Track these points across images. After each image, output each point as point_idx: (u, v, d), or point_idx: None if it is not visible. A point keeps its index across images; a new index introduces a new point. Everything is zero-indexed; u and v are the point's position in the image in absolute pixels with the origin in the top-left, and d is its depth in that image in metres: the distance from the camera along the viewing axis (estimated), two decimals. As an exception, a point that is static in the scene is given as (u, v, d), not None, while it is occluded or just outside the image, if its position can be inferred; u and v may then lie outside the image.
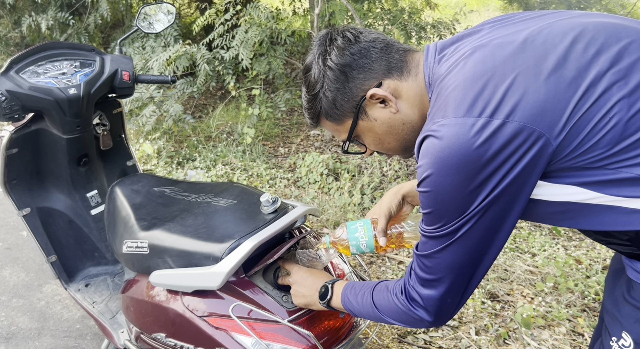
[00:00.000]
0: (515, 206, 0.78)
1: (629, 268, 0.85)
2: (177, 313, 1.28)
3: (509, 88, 0.73)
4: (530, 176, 0.75)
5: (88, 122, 1.79)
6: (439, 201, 0.80)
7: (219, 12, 3.93)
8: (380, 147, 1.02)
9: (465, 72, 0.79)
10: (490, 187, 0.75)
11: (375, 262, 2.66)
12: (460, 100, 0.76)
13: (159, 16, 2.03)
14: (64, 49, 1.73)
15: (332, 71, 0.92)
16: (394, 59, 0.92)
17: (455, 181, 0.76)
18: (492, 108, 0.73)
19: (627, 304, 0.86)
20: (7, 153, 1.71)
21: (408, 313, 0.93)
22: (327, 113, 0.97)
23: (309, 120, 1.03)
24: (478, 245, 0.82)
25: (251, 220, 1.29)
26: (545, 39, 0.78)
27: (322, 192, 3.42)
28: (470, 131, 0.73)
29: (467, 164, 0.74)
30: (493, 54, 0.78)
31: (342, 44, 0.92)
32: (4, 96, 1.51)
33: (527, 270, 2.47)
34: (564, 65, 0.74)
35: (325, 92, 0.94)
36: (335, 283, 1.12)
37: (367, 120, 0.96)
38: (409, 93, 0.93)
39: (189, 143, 4.17)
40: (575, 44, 0.76)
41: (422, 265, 0.88)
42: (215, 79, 4.07)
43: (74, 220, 1.96)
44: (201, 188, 1.61)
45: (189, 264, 1.26)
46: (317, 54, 0.95)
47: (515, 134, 0.71)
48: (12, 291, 2.47)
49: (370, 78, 0.92)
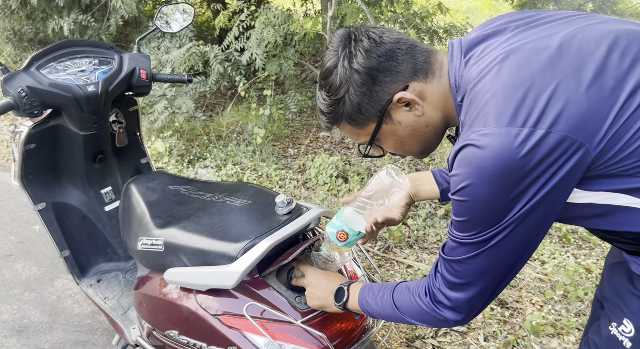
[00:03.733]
0: (551, 214, 0.79)
1: (633, 263, 0.88)
2: (190, 310, 1.29)
3: (551, 98, 0.73)
4: (568, 185, 0.75)
5: (105, 119, 1.81)
6: (477, 210, 0.79)
7: (234, 14, 3.95)
8: (401, 149, 1.01)
9: (503, 78, 0.78)
10: (529, 196, 0.75)
11: (384, 266, 2.66)
12: (502, 109, 0.75)
13: (177, 16, 2.04)
14: (83, 47, 1.75)
15: (358, 74, 0.89)
16: (419, 61, 0.90)
17: (495, 191, 0.76)
18: (535, 118, 0.72)
19: (631, 295, 0.89)
20: (25, 148, 1.73)
21: (432, 313, 0.93)
22: (350, 117, 0.94)
23: (326, 124, 1.00)
24: (512, 252, 0.82)
25: (266, 221, 1.30)
26: (580, 45, 0.78)
27: (332, 194, 3.42)
28: (515, 141, 0.72)
29: (509, 174, 0.74)
30: (530, 60, 0.78)
31: (369, 46, 0.88)
32: (25, 92, 1.52)
33: (536, 277, 2.46)
34: (603, 75, 0.74)
35: (351, 96, 0.91)
36: (351, 285, 1.13)
37: (391, 124, 0.94)
38: (433, 95, 0.92)
39: (200, 142, 4.20)
40: (611, 53, 0.76)
41: (451, 269, 0.88)
42: (227, 79, 4.09)
43: (87, 215, 1.98)
44: (215, 187, 1.63)
45: (203, 262, 1.27)
46: (341, 55, 0.90)
47: (558, 144, 0.71)
48: (24, 285, 2.49)
49: (397, 81, 0.89)
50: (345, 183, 3.50)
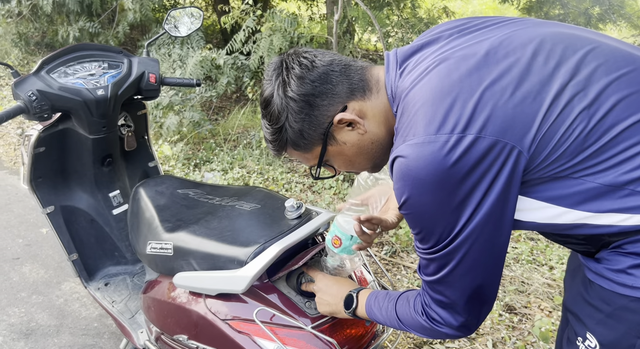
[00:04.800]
0: (505, 219, 0.79)
1: (586, 268, 0.87)
2: (200, 315, 1.29)
3: (478, 103, 0.74)
4: (511, 188, 0.76)
5: (114, 123, 1.81)
6: (425, 220, 0.80)
7: (240, 18, 3.96)
8: (351, 167, 1.01)
9: (432, 86, 0.79)
10: (475, 203, 0.75)
11: (391, 270, 2.65)
12: (430, 117, 0.76)
13: (185, 19, 2.05)
14: (93, 51, 1.76)
15: (294, 102, 0.89)
16: (354, 80, 0.90)
17: (435, 199, 0.76)
18: (464, 123, 0.73)
19: (587, 304, 0.87)
20: (34, 152, 1.73)
21: (433, 329, 0.94)
22: (295, 143, 0.94)
23: (273, 152, 1.00)
24: (481, 262, 0.82)
25: (276, 225, 1.29)
26: (507, 51, 0.79)
27: (338, 198, 3.42)
28: (444, 149, 0.73)
29: (444, 181, 0.74)
30: (457, 68, 0.79)
31: (300, 72, 0.88)
32: (35, 96, 1.53)
33: (544, 282, 2.45)
34: (528, 79, 0.76)
35: (291, 123, 0.91)
36: (360, 291, 1.12)
37: (336, 145, 0.94)
38: (374, 111, 0.92)
39: (206, 145, 4.20)
40: (536, 56, 0.78)
41: (432, 288, 0.89)
42: (234, 83, 4.10)
43: (95, 219, 1.98)
44: (224, 191, 1.62)
45: (213, 267, 1.27)
46: (275, 85, 0.90)
47: (490, 148, 0.72)
48: (32, 288, 2.50)
49: (335, 103, 0.89)
50: (351, 187, 3.49)
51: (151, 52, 4.31)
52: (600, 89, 0.74)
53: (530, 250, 2.73)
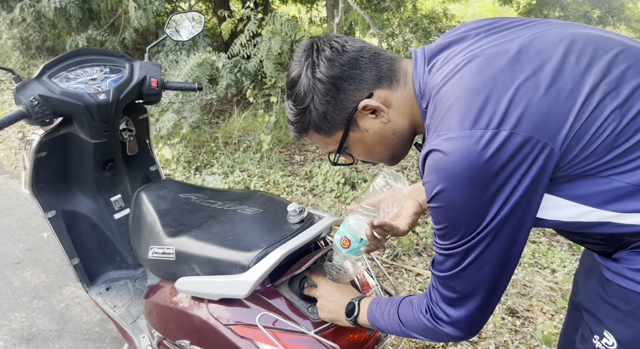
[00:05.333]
0: (528, 216, 0.79)
1: (604, 268, 0.87)
2: (202, 320, 1.28)
3: (513, 100, 0.74)
4: (539, 185, 0.76)
5: (115, 127, 1.81)
6: (454, 216, 0.79)
7: (240, 21, 3.97)
8: (370, 156, 1.01)
9: (465, 83, 0.79)
10: (503, 198, 0.76)
11: (393, 273, 2.65)
12: (464, 113, 0.76)
13: (187, 24, 2.05)
14: (94, 55, 1.76)
15: (322, 83, 0.89)
16: (383, 68, 0.91)
17: (468, 194, 0.76)
18: (498, 119, 0.74)
19: (605, 303, 0.87)
20: (36, 157, 1.73)
21: (435, 330, 0.93)
22: (317, 126, 0.95)
23: (294, 134, 1.00)
24: (498, 258, 0.82)
25: (278, 230, 1.29)
26: (538, 49, 0.80)
27: (339, 201, 3.41)
28: (479, 144, 0.73)
29: (478, 176, 0.74)
30: (490, 64, 0.79)
31: (331, 55, 0.89)
32: (37, 100, 1.53)
33: (547, 286, 2.44)
34: (561, 77, 0.76)
35: (316, 105, 0.92)
36: (362, 299, 1.12)
37: (358, 131, 0.95)
38: (399, 102, 0.92)
39: (207, 148, 4.20)
40: (568, 55, 0.78)
41: (445, 284, 0.88)
42: (235, 86, 4.11)
43: (97, 223, 1.98)
44: (226, 195, 1.62)
45: (215, 272, 1.27)
46: (304, 65, 0.91)
47: (523, 144, 0.73)
48: (33, 293, 2.50)
49: (361, 89, 0.90)
50: (352, 189, 3.49)
51: (159, 58, 4.32)
52: (632, 89, 0.75)
53: (532, 253, 2.73)
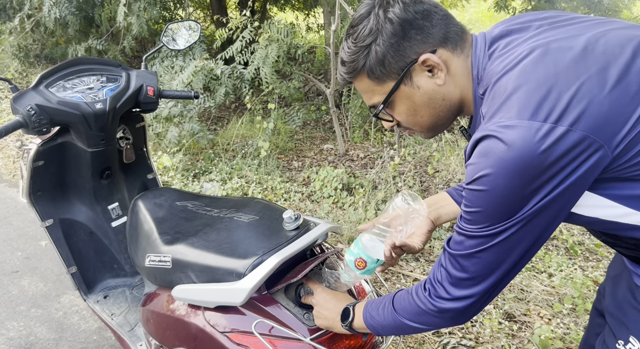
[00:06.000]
0: (561, 213, 0.79)
1: (634, 274, 0.87)
2: (198, 328, 1.29)
3: (574, 97, 0.73)
4: (582, 185, 0.76)
5: (112, 136, 1.82)
6: (491, 202, 0.79)
7: (237, 28, 3.99)
8: (412, 118, 0.98)
9: (527, 74, 0.78)
10: (544, 193, 0.75)
11: (390, 279, 2.65)
12: (525, 103, 0.75)
13: (183, 32, 2.07)
14: (91, 65, 1.77)
15: (391, 24, 0.88)
16: (452, 31, 0.90)
17: (513, 184, 0.75)
18: (558, 114, 0.73)
19: (633, 309, 0.88)
20: (33, 166, 1.74)
21: (430, 310, 0.92)
22: (372, 69, 0.92)
23: (343, 76, 0.98)
24: (519, 248, 0.82)
25: (274, 237, 1.30)
26: (605, 48, 0.78)
27: (337, 207, 3.42)
28: (536, 135, 0.72)
29: (528, 168, 0.74)
30: (554, 59, 0.78)
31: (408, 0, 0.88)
32: (34, 110, 1.54)
33: (544, 290, 2.45)
34: (626, 78, 0.75)
35: (378, 45, 0.89)
36: (357, 304, 1.12)
37: (410, 86, 0.93)
38: (457, 69, 0.92)
39: (205, 155, 4.21)
40: (636, 58, 0.76)
41: (456, 264, 0.87)
42: (233, 93, 4.12)
43: (94, 231, 1.99)
44: (223, 202, 1.63)
45: (212, 279, 1.27)
46: (377, 4, 0.89)
47: (578, 142, 0.72)
48: (31, 301, 2.49)
49: (427, 42, 0.89)
50: (350, 195, 3.50)
51: (155, 64, 4.34)
52: None
53: (530, 257, 2.73)
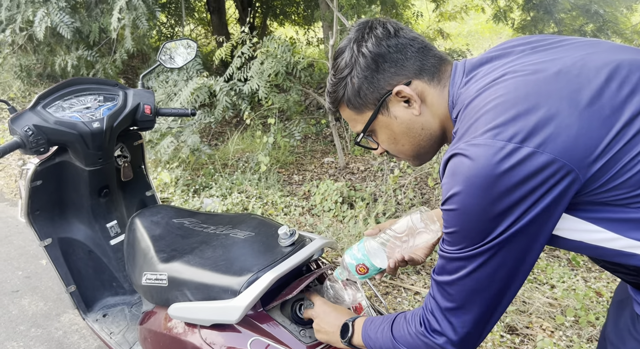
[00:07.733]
0: (539, 238, 0.78)
1: (635, 302, 0.85)
2: (195, 346, 1.28)
3: (543, 118, 0.73)
4: (556, 209, 0.75)
5: (110, 154, 1.83)
6: (465, 221, 0.79)
7: (236, 45, 4.03)
8: (394, 147, 1.02)
9: (498, 96, 0.79)
10: (516, 215, 0.75)
11: (391, 293, 2.63)
12: (492, 123, 0.76)
13: (180, 51, 2.09)
14: (88, 84, 1.80)
15: (364, 58, 0.92)
16: (428, 63, 0.93)
17: (480, 202, 0.75)
18: (524, 135, 0.72)
19: (632, 339, 0.85)
20: (31, 185, 1.75)
21: (428, 342, 0.91)
22: (349, 100, 0.97)
23: (329, 105, 1.04)
24: (501, 273, 0.81)
25: (269, 253, 1.30)
26: (580, 72, 0.78)
27: (337, 220, 3.42)
28: (498, 154, 0.73)
29: (490, 188, 0.74)
30: (526, 82, 0.79)
31: (381, 34, 0.92)
32: (31, 131, 1.56)
33: (546, 302, 2.43)
34: (598, 102, 0.74)
35: (353, 78, 0.94)
36: (356, 319, 1.11)
37: (387, 116, 0.96)
38: (433, 100, 0.93)
39: (205, 171, 4.23)
40: (610, 82, 0.76)
41: (443, 292, 0.87)
42: (232, 109, 4.15)
43: (93, 250, 1.99)
44: (219, 219, 1.63)
45: (207, 297, 1.27)
46: (353, 39, 0.94)
47: (545, 165, 0.71)
48: (31, 321, 2.49)
49: (401, 74, 0.92)
50: (350, 208, 3.49)
51: (150, 79, 4.37)
52: None
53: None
